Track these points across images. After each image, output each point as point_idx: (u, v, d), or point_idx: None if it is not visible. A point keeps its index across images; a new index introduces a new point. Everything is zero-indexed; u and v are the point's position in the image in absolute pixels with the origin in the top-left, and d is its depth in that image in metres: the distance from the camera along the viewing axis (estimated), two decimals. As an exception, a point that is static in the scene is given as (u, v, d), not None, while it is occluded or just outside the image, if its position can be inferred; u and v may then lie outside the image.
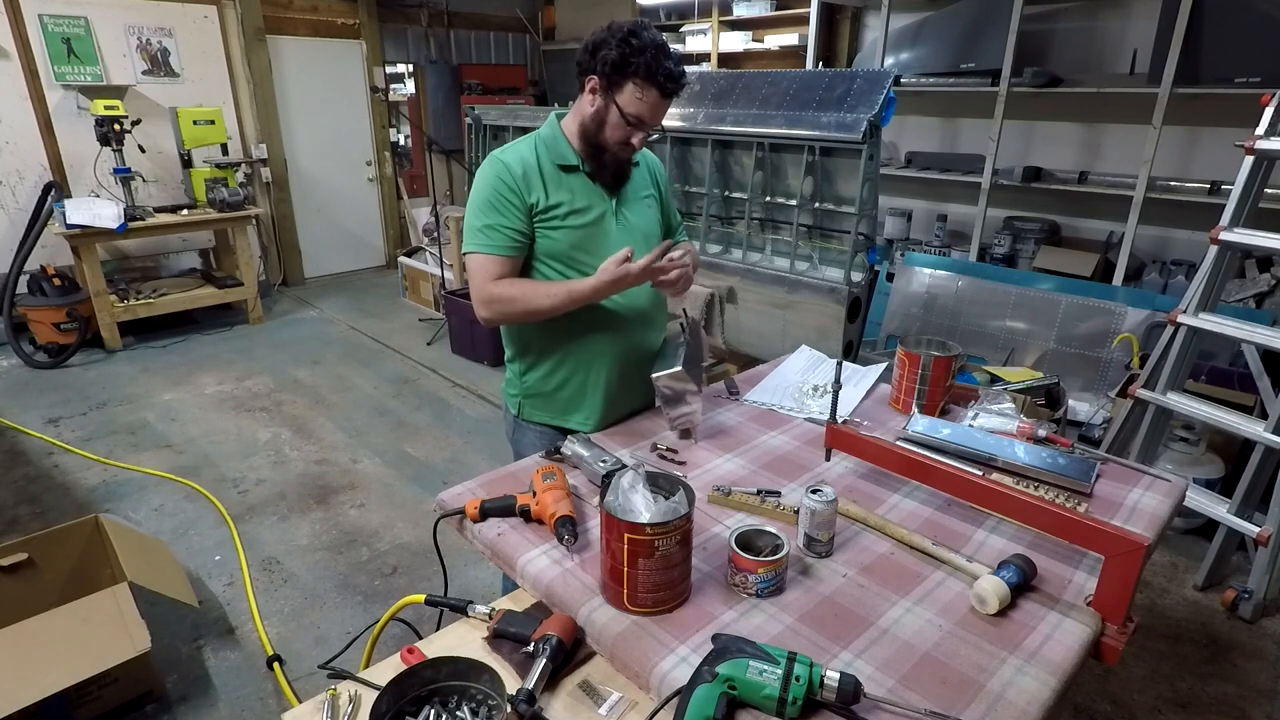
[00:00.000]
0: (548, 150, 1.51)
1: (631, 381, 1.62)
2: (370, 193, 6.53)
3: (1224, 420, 2.35)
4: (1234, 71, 3.12)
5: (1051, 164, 4.05)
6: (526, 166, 1.48)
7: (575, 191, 1.51)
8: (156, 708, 2.01)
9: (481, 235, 1.47)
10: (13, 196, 4.67)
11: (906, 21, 4.33)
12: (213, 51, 5.31)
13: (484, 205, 1.47)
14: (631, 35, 1.38)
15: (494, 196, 1.46)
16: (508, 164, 1.47)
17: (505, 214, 1.46)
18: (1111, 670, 2.10)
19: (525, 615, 1.09)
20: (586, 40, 1.45)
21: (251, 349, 4.75)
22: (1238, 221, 2.28)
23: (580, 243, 1.51)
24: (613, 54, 1.39)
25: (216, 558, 2.66)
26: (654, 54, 1.38)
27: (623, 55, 1.38)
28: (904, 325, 3.82)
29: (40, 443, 3.46)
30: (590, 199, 1.52)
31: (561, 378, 1.61)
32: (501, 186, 1.46)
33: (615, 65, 1.39)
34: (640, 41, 1.38)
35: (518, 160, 1.48)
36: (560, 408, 1.64)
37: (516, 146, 1.52)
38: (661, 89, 1.41)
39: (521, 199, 1.46)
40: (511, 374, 1.69)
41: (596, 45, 1.42)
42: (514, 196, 1.46)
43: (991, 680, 0.94)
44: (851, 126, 2.91)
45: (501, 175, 1.46)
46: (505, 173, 1.46)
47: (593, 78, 1.43)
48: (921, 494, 1.35)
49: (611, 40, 1.39)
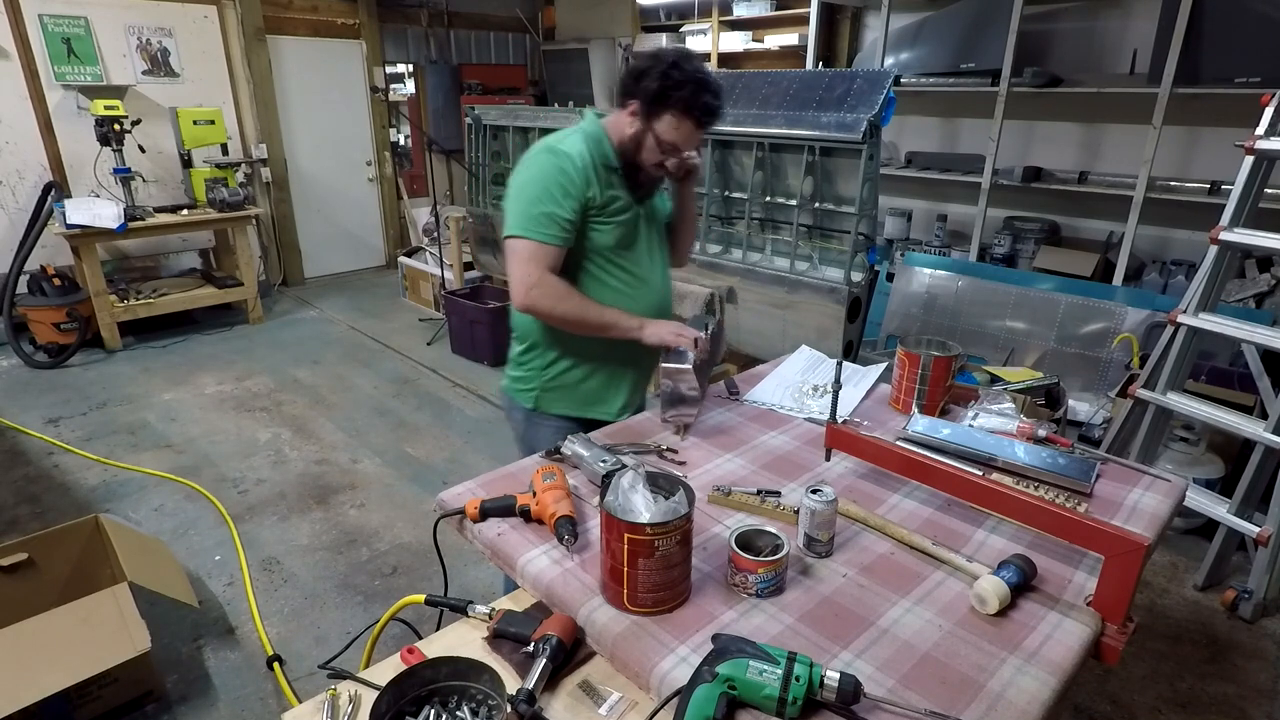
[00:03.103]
0: (597, 147, 1.53)
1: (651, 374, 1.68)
2: (370, 193, 6.53)
3: (1224, 420, 2.35)
4: (1234, 71, 3.12)
5: (1051, 164, 4.05)
6: (585, 160, 1.50)
7: (617, 191, 1.55)
8: (156, 708, 2.01)
9: (536, 222, 1.47)
10: (13, 196, 4.67)
11: (906, 21, 4.33)
12: (213, 51, 5.31)
13: (543, 193, 1.48)
14: (674, 68, 1.42)
15: (555, 186, 1.47)
16: (570, 156, 1.49)
17: (563, 204, 1.47)
18: (1111, 670, 2.10)
19: (525, 615, 1.09)
20: (632, 64, 1.49)
21: (251, 349, 4.75)
22: (1238, 221, 2.28)
23: (621, 239, 1.57)
24: (653, 85, 1.43)
25: (216, 557, 2.66)
26: (694, 89, 1.43)
27: (663, 87, 1.43)
28: (904, 325, 3.82)
29: (40, 443, 3.46)
30: (627, 199, 1.57)
31: (588, 369, 1.65)
32: (564, 177, 1.47)
33: (655, 96, 1.44)
34: (682, 74, 1.42)
35: (578, 153, 1.50)
36: (584, 399, 1.67)
37: (570, 139, 1.54)
38: (697, 122, 1.46)
39: (581, 192, 1.49)
40: (528, 367, 1.69)
41: (640, 73, 1.45)
42: (573, 189, 1.48)
43: (991, 680, 0.94)
44: (851, 126, 2.91)
45: (565, 166, 1.48)
46: (568, 164, 1.48)
47: (633, 102, 1.47)
48: (921, 494, 1.35)
49: (654, 70, 1.43)
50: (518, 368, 1.71)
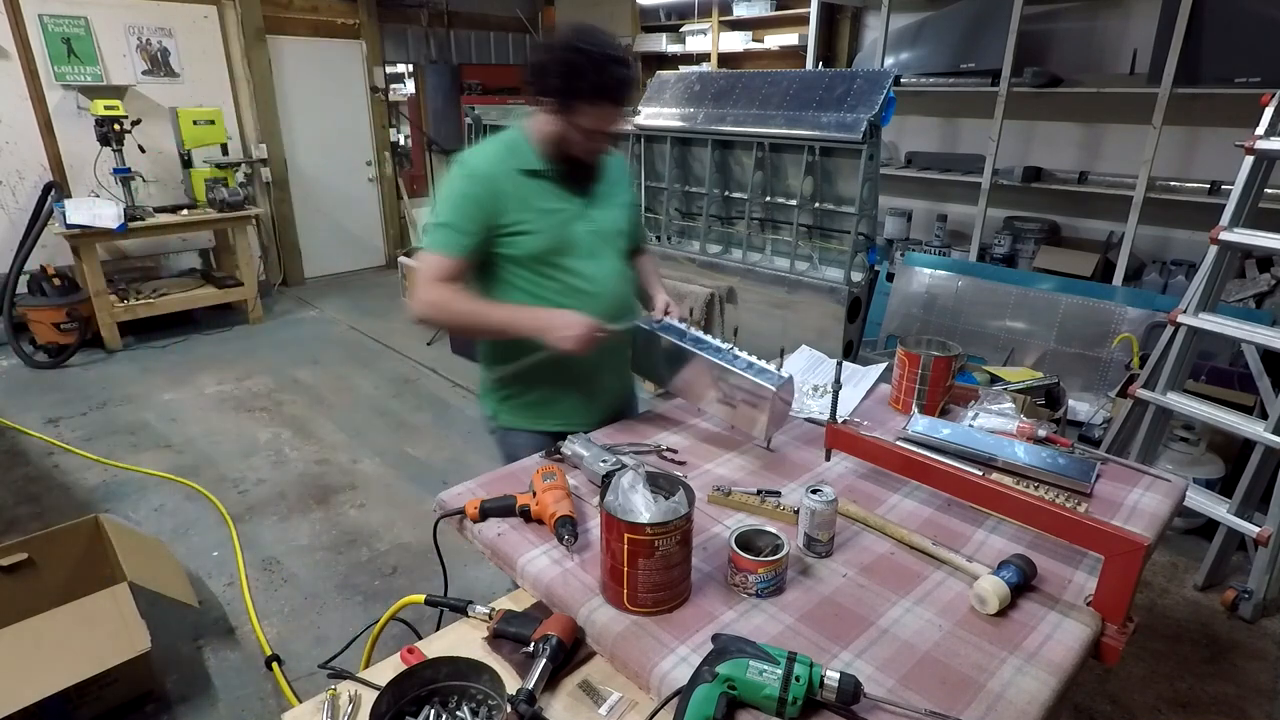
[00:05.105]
0: (512, 155, 1.46)
1: (605, 379, 1.60)
2: (370, 193, 6.53)
3: (1224, 420, 2.34)
4: (1234, 71, 3.12)
5: (1051, 164, 4.05)
6: (494, 172, 1.44)
7: (540, 198, 1.47)
8: (156, 708, 2.01)
9: (434, 233, 1.44)
10: (13, 196, 4.67)
11: (906, 21, 4.33)
12: (213, 51, 5.31)
13: (444, 206, 1.44)
14: (571, 53, 1.34)
15: (457, 197, 1.44)
16: (476, 170, 1.44)
17: (463, 216, 1.43)
18: (1111, 670, 2.10)
19: (525, 615, 1.09)
20: (531, 59, 1.41)
21: (251, 349, 4.75)
22: (1238, 221, 2.28)
23: (555, 244, 1.48)
24: (556, 81, 1.36)
25: (214, 554, 2.66)
26: (596, 73, 1.34)
27: (566, 83, 1.35)
28: (904, 325, 3.82)
29: (40, 443, 3.46)
30: (557, 202, 1.49)
31: (529, 382, 1.58)
32: (466, 189, 1.43)
33: (563, 90, 1.36)
34: (579, 62, 1.33)
35: (486, 167, 1.45)
36: (536, 413, 1.61)
37: (482, 150, 1.48)
38: (614, 100, 1.39)
39: (486, 206, 1.43)
40: (486, 381, 1.66)
41: (541, 69, 1.37)
42: (474, 204, 1.43)
43: (991, 680, 0.94)
44: (851, 126, 2.91)
45: (469, 178, 1.44)
46: (474, 177, 1.44)
47: (545, 100, 1.40)
48: (921, 494, 1.35)
49: (553, 64, 1.35)
50: (482, 381, 1.69)
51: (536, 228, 1.46)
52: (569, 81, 1.35)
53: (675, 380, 1.59)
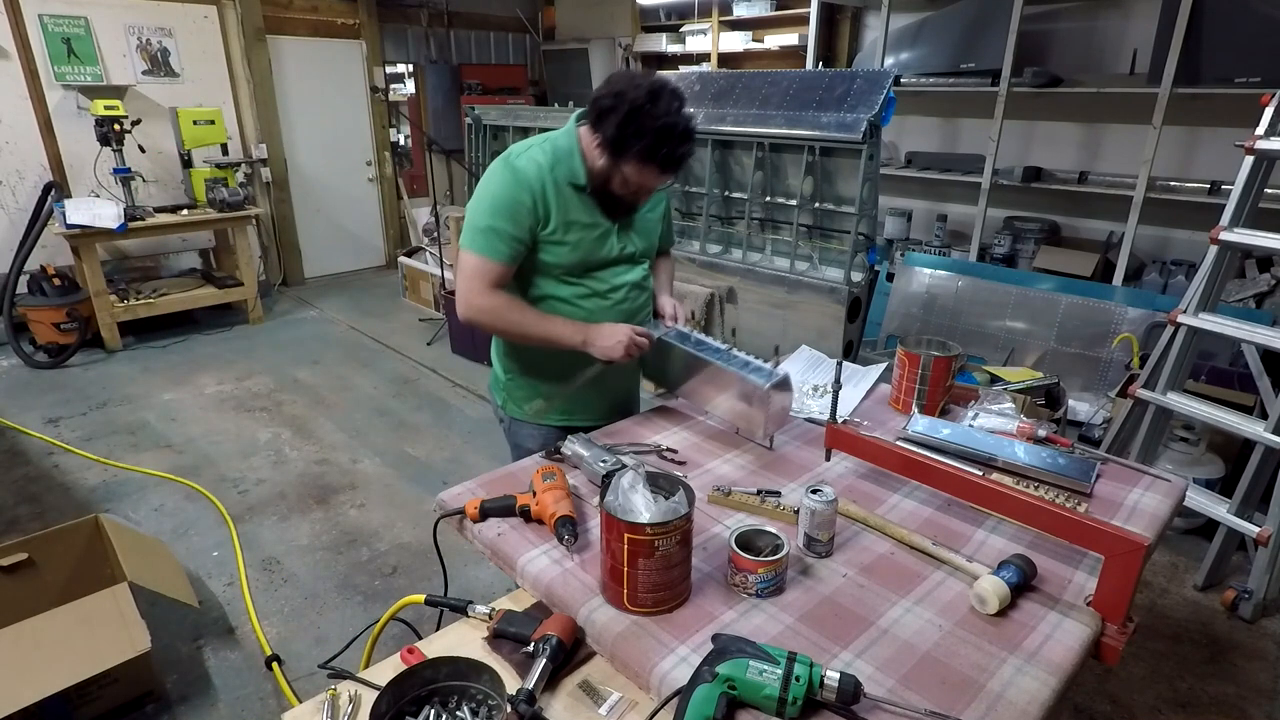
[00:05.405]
0: (564, 164, 1.46)
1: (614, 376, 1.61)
2: (370, 193, 6.53)
3: (1224, 420, 2.34)
4: (1234, 71, 3.12)
5: (1051, 164, 4.05)
6: (543, 181, 1.44)
7: (579, 211, 1.48)
8: (156, 708, 2.01)
9: (483, 237, 1.44)
10: (13, 196, 4.67)
11: (906, 21, 4.33)
12: (213, 51, 5.31)
13: (493, 208, 1.44)
14: (638, 113, 1.32)
15: (507, 202, 1.43)
16: (526, 176, 1.43)
17: (513, 223, 1.43)
18: (1111, 670, 2.10)
19: (525, 615, 1.09)
20: (599, 92, 1.39)
21: (251, 349, 4.75)
22: (1238, 221, 2.28)
23: (584, 258, 1.51)
24: (612, 132, 1.35)
25: (214, 554, 2.66)
26: (655, 139, 1.34)
27: (622, 134, 1.34)
28: (904, 325, 3.82)
29: (40, 443, 3.46)
30: (592, 218, 1.50)
31: (540, 378, 1.63)
32: (517, 195, 1.42)
33: (616, 142, 1.36)
34: (646, 123, 1.32)
35: (536, 173, 1.43)
36: (544, 407, 1.65)
37: (532, 154, 1.46)
38: (663, 169, 1.40)
39: (533, 215, 1.44)
40: (497, 370, 1.71)
41: (605, 111, 1.36)
42: (524, 212, 1.43)
43: (991, 680, 0.94)
44: (851, 126, 2.91)
45: (519, 185, 1.43)
46: (524, 184, 1.42)
47: (598, 135, 1.39)
48: (921, 494, 1.35)
49: (617, 113, 1.34)
50: (494, 370, 1.73)
51: (571, 240, 1.48)
52: (625, 135, 1.35)
53: (685, 386, 1.63)
